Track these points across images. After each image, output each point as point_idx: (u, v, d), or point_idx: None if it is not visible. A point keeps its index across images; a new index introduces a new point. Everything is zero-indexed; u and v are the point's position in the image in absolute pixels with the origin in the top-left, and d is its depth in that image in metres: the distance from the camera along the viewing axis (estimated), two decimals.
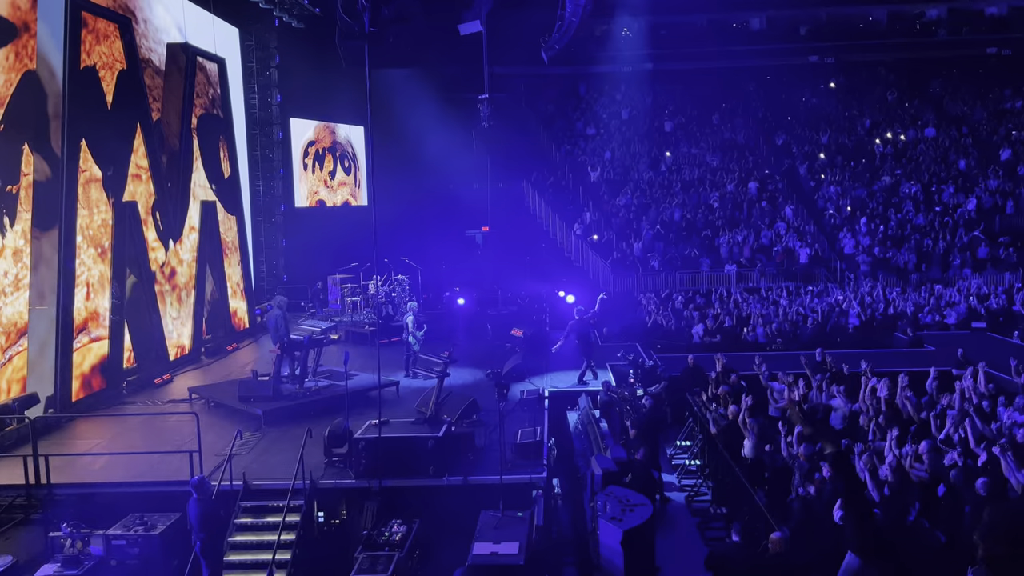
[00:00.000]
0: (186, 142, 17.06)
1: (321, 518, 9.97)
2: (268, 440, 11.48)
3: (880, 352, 16.46)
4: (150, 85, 15.91)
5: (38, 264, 12.57)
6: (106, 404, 13.49)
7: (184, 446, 10.29)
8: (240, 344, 18.54)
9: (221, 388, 13.77)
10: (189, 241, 17.26)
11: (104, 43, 13.99)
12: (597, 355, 15.77)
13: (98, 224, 13.92)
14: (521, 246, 25.90)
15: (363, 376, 14.01)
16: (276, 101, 22.73)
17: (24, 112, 12.39)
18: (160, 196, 15.92)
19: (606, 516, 8.49)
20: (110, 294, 14.10)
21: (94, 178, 13.76)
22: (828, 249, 26.02)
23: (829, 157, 30.77)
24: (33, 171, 12.59)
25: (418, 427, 10.72)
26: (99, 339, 13.89)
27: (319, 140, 26.16)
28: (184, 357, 16.63)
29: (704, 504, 11.57)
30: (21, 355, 12.40)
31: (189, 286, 17.19)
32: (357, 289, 19.49)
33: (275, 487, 9.81)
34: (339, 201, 27.40)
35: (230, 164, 19.38)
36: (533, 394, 13.18)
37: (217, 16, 19.29)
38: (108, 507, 9.49)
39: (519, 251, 25.40)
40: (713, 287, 24.02)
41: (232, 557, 9.38)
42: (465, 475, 10.03)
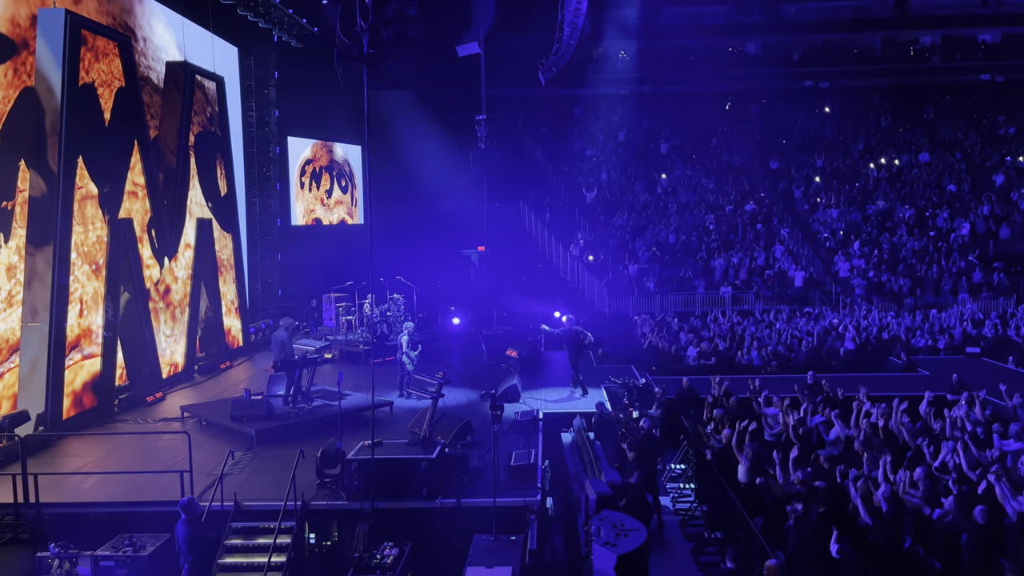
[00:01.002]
0: (183, 159, 17.08)
1: (312, 540, 9.88)
2: (260, 460, 11.39)
3: (874, 376, 16.47)
4: (148, 103, 15.95)
5: (32, 280, 12.52)
6: (97, 422, 13.39)
7: (175, 465, 10.21)
8: (234, 362, 18.46)
9: (214, 407, 13.68)
10: (184, 258, 17.23)
11: (103, 61, 14.03)
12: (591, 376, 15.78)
13: (93, 241, 13.89)
14: (517, 266, 25.94)
15: (357, 396, 13.95)
16: (274, 119, 22.80)
17: (21, 128, 12.40)
18: (156, 213, 15.91)
19: (600, 541, 8.44)
20: (104, 311, 14.04)
21: (90, 195, 13.75)
22: (823, 272, 26.11)
23: (824, 181, 30.96)
24: (29, 187, 12.57)
25: (411, 448, 10.65)
26: (92, 356, 13.80)
27: (316, 159, 26.22)
28: (177, 375, 16.55)
29: (698, 529, 11.51)
30: (12, 372, 12.32)
31: (183, 304, 17.13)
32: (352, 308, 19.46)
33: (266, 508, 9.72)
34: (335, 219, 27.42)
35: (227, 182, 19.39)
36: (527, 416, 13.13)
37: (216, 35, 19.39)
38: (97, 527, 9.38)
39: (515, 271, 25.44)
40: (708, 309, 24.06)
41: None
42: (458, 498, 9.96)
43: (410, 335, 15.12)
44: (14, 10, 12.34)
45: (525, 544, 9.20)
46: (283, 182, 23.99)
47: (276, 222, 23.24)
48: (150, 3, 16.39)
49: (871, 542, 8.22)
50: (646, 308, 24.01)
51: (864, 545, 8.19)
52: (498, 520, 9.41)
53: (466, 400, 14.68)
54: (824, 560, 8.19)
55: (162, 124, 16.69)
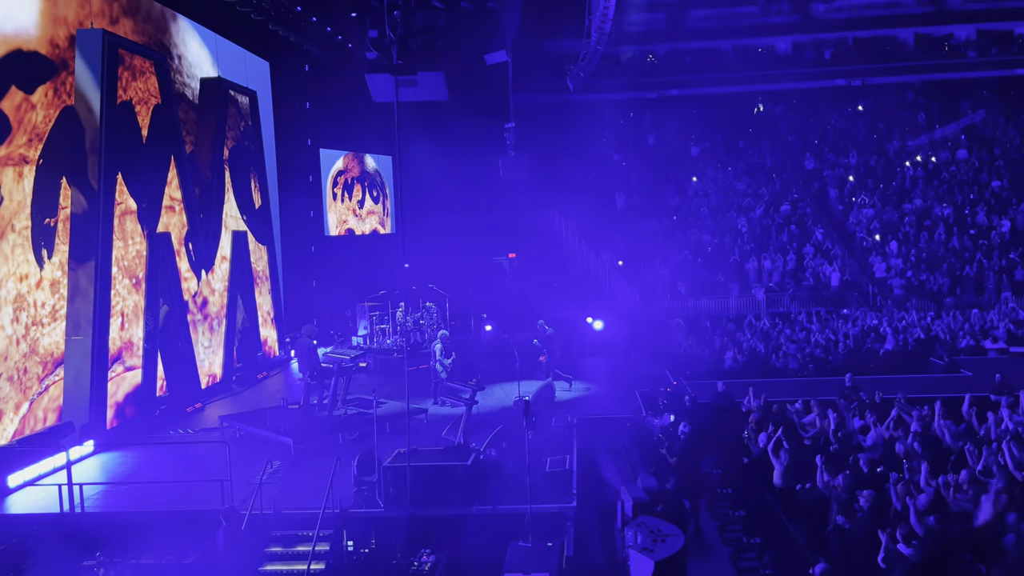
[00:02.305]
0: (218, 173, 17.38)
1: (351, 547, 9.96)
2: (298, 468, 11.53)
3: (915, 378, 16.17)
4: (184, 119, 16.26)
5: (75, 295, 12.81)
6: (139, 432, 13.65)
7: (215, 475, 10.36)
8: (270, 372, 18.71)
9: (252, 416, 13.87)
10: (221, 271, 17.51)
11: (140, 79, 14.35)
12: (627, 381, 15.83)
13: (133, 255, 14.19)
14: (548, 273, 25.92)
15: (391, 404, 14.05)
16: (306, 132, 23.10)
17: (63, 147, 12.72)
18: (193, 227, 16.20)
19: (637, 547, 8.39)
20: (144, 324, 14.32)
21: (129, 210, 14.05)
22: (859, 273, 25.71)
23: (859, 180, 30.50)
24: (71, 204, 12.89)
25: (446, 455, 10.70)
26: (133, 368, 14.09)
27: (348, 170, 26.50)
28: (215, 385, 16.81)
29: (736, 534, 11.39)
30: (57, 384, 12.62)
31: (220, 315, 17.41)
32: (385, 317, 19.60)
33: (305, 516, 9.83)
34: (368, 229, 27.66)
35: (261, 194, 19.68)
36: (562, 421, 13.11)
37: (248, 51, 19.72)
38: (140, 536, 9.55)
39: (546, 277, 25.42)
40: (742, 312, 23.80)
41: None
42: (494, 504, 9.98)
43: (444, 343, 15.19)
44: (53, 31, 12.68)
45: (562, 550, 9.19)
46: (316, 193, 24.29)
47: (310, 233, 23.52)
48: (184, 21, 16.73)
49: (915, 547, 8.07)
50: (679, 312, 23.82)
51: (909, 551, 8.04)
52: (534, 526, 9.41)
53: (499, 406, 14.71)
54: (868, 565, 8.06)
55: (197, 139, 17.01)
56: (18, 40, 11.92)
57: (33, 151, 12.22)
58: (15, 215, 11.86)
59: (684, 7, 30.27)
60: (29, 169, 12.14)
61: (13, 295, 11.78)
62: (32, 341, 12.15)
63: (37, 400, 12.22)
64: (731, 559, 10.55)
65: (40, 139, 12.35)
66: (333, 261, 24.13)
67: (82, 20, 13.28)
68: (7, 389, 11.59)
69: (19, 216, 11.94)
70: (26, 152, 12.07)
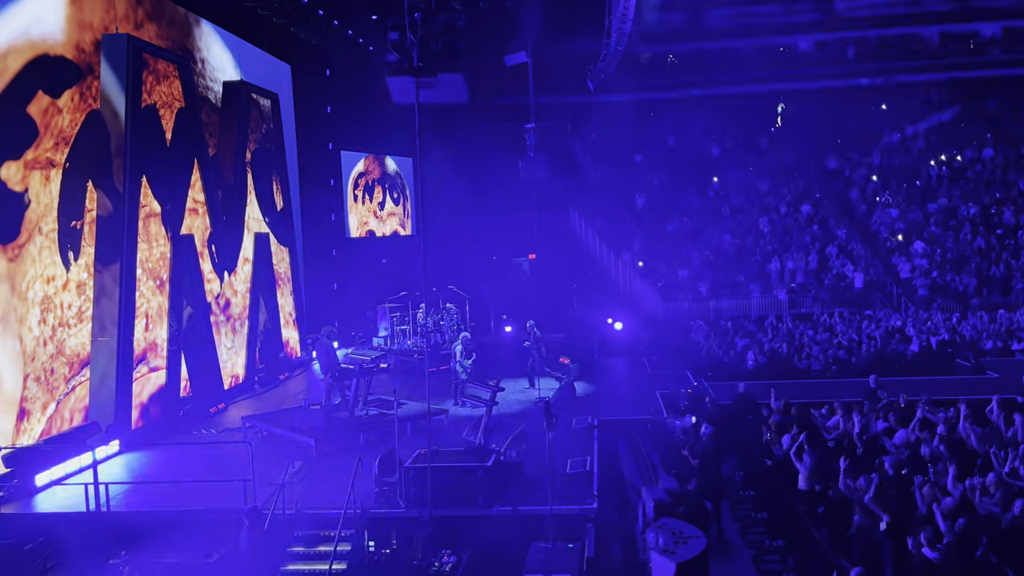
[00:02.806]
0: (240, 176, 17.52)
1: (372, 547, 10.00)
2: (319, 469, 11.59)
3: (940, 380, 15.98)
4: (207, 122, 16.42)
5: (100, 296, 12.97)
6: (163, 432, 13.80)
7: (238, 474, 10.44)
8: (292, 373, 18.83)
9: (274, 417, 13.97)
10: (243, 272, 17.66)
11: (164, 83, 14.51)
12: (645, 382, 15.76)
13: (157, 257, 14.35)
14: (568, 274, 25.89)
15: (412, 405, 14.09)
16: (327, 135, 23.24)
17: (88, 150, 12.89)
18: (215, 229, 16.35)
19: (658, 548, 8.36)
20: (168, 325, 14.48)
21: (153, 213, 14.21)
22: (883, 274, 25.44)
23: (882, 180, 30.19)
24: (96, 207, 13.06)
25: (467, 456, 10.72)
26: (157, 369, 14.25)
27: (369, 172, 26.62)
28: (238, 386, 16.95)
29: (759, 536, 11.31)
30: (83, 385, 12.79)
31: (243, 316, 17.56)
32: (406, 318, 19.67)
33: (327, 516, 9.88)
34: (388, 231, 27.78)
35: (283, 197, 19.83)
36: (583, 423, 13.09)
37: (270, 54, 19.88)
38: (165, 534, 9.65)
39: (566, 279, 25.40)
40: (764, 313, 23.63)
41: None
42: (515, 505, 9.97)
43: (464, 344, 15.22)
44: (79, 36, 12.85)
45: (583, 552, 9.17)
46: (337, 195, 24.43)
47: (331, 235, 23.65)
48: (207, 25, 16.89)
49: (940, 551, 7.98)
50: (700, 313, 23.70)
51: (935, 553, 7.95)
52: (555, 528, 9.40)
53: (520, 408, 14.71)
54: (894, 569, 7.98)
55: (220, 142, 17.17)
56: (45, 45, 12.10)
57: (60, 155, 12.39)
58: (42, 218, 12.03)
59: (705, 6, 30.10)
60: (56, 172, 12.31)
61: (40, 297, 11.95)
62: (59, 342, 12.32)
63: (64, 400, 12.39)
64: (753, 561, 10.49)
65: (66, 143, 12.52)
66: (354, 263, 24.25)
67: (107, 25, 13.45)
68: (35, 389, 11.77)
69: (46, 219, 12.11)
70: (53, 156, 12.25)
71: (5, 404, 11.23)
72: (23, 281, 11.60)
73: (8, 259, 11.34)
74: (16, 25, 11.53)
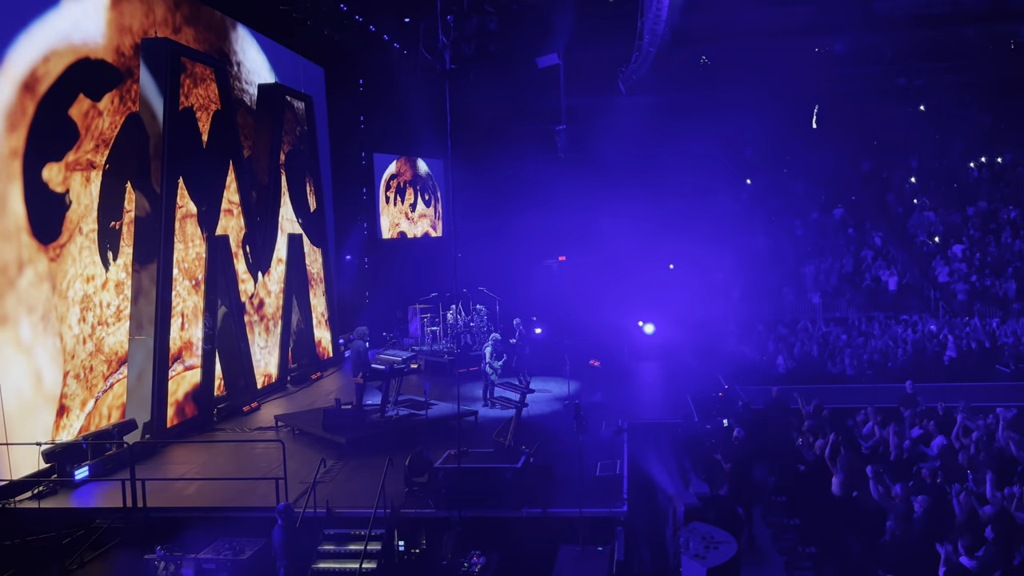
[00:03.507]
0: (274, 178, 17.73)
1: (402, 547, 10.05)
2: (350, 468, 11.68)
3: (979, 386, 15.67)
4: (242, 124, 16.64)
5: (138, 296, 13.21)
6: (198, 430, 14.00)
7: (271, 473, 10.57)
8: (324, 373, 19.00)
9: (306, 416, 14.11)
10: (277, 273, 17.86)
11: (201, 86, 14.74)
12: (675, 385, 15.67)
13: (193, 257, 14.57)
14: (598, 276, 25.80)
15: (442, 405, 14.15)
16: (360, 137, 23.42)
17: (127, 152, 13.13)
18: (250, 230, 16.56)
19: (689, 553, 8.30)
20: (203, 324, 14.69)
21: (190, 214, 14.43)
22: (920, 277, 25.02)
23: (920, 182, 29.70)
24: (135, 208, 13.30)
25: (497, 458, 10.75)
26: (192, 368, 14.46)
27: (401, 173, 26.78)
28: (271, 385, 17.14)
29: (790, 542, 11.18)
30: (121, 383, 13.03)
31: (276, 316, 17.75)
32: (436, 319, 19.76)
33: (357, 515, 9.96)
34: (419, 232, 27.92)
35: (316, 198, 20.02)
36: (613, 425, 13.05)
37: (304, 57, 20.09)
38: (199, 531, 9.79)
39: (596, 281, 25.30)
40: (797, 317, 23.35)
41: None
42: (544, 507, 9.97)
43: (495, 346, 15.25)
44: (119, 40, 13.10)
45: (612, 555, 9.14)
46: (369, 197, 24.62)
47: (363, 236, 23.84)
48: (243, 29, 17.12)
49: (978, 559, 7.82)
50: (732, 316, 23.49)
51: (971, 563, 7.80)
52: (584, 531, 9.38)
53: (550, 410, 14.70)
54: None
55: (255, 144, 17.38)
56: (86, 49, 12.35)
57: (100, 156, 12.64)
58: (83, 218, 12.28)
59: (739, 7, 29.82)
60: (96, 174, 12.56)
61: (80, 296, 12.20)
62: (98, 340, 12.56)
63: (102, 397, 12.63)
64: (785, 568, 10.38)
65: (106, 145, 12.77)
66: (386, 264, 24.42)
67: (147, 29, 13.70)
68: (74, 386, 12.01)
69: (86, 219, 12.36)
70: (93, 157, 12.50)
71: (45, 400, 11.48)
72: (64, 280, 11.85)
73: (49, 259, 11.59)
74: (58, 29, 11.79)
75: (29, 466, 10.95)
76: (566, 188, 22.87)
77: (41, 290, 11.42)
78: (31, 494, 10.74)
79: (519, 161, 25.06)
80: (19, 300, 11.02)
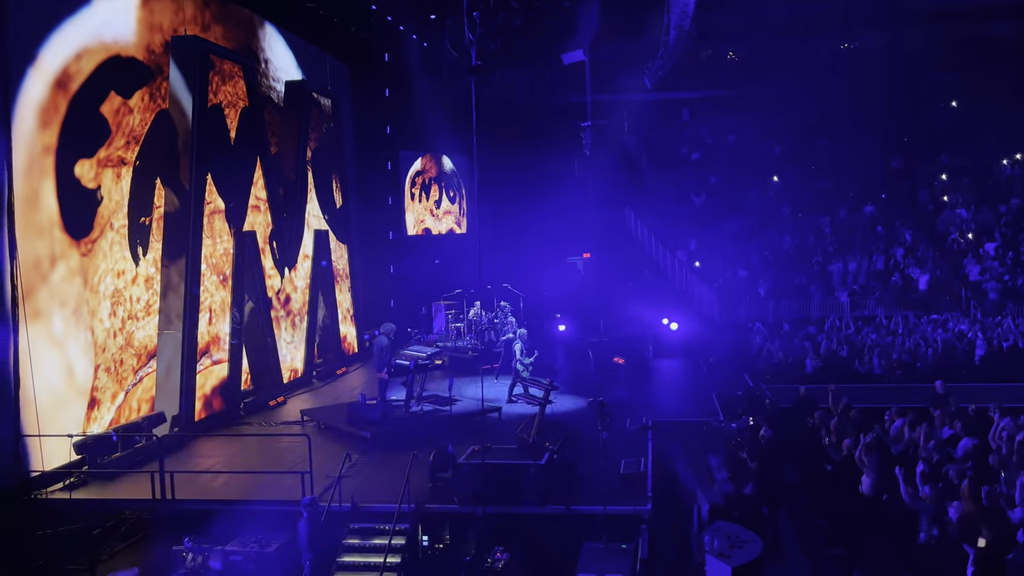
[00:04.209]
0: (301, 174, 17.86)
1: (426, 542, 10.10)
2: (375, 463, 11.75)
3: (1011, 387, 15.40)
4: (269, 121, 16.78)
5: (167, 291, 13.38)
6: (225, 424, 14.17)
7: (296, 466, 10.67)
8: (349, 368, 19.13)
9: (331, 411, 14.22)
10: (303, 269, 18.00)
11: (229, 83, 14.88)
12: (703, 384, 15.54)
13: (220, 253, 14.73)
14: (623, 273, 25.71)
15: (466, 402, 14.18)
16: (385, 134, 23.50)
17: (157, 149, 13.29)
18: (277, 226, 16.70)
19: (714, 552, 8.25)
20: (230, 319, 14.84)
21: (218, 210, 14.58)
22: (951, 275, 24.62)
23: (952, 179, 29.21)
24: (164, 204, 13.47)
25: (520, 454, 10.76)
26: (220, 362, 14.63)
27: (426, 170, 26.86)
28: (297, 380, 17.29)
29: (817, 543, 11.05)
30: (150, 376, 13.21)
31: (302, 312, 17.89)
32: (461, 315, 19.79)
33: (382, 510, 10.02)
34: (444, 229, 27.98)
35: (342, 194, 20.14)
36: (637, 423, 12.99)
37: (330, 55, 20.20)
38: (226, 523, 9.90)
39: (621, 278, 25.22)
40: (825, 315, 23.09)
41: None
42: (567, 504, 9.96)
43: (524, 342, 15.25)
44: (149, 38, 13.26)
45: (636, 553, 9.11)
46: (395, 194, 24.71)
47: (388, 233, 23.93)
48: (270, 27, 17.26)
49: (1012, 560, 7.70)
50: (758, 315, 23.28)
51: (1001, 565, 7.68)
52: (608, 528, 9.36)
53: (574, 407, 14.67)
54: None
55: (282, 141, 17.52)
56: (116, 47, 12.52)
57: (130, 153, 12.81)
58: (113, 214, 12.46)
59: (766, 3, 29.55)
60: (126, 170, 12.73)
61: (111, 290, 12.38)
62: (128, 334, 12.74)
63: (132, 391, 12.82)
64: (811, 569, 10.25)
65: (136, 141, 12.93)
66: (411, 260, 24.49)
67: (176, 27, 13.86)
68: (105, 379, 12.19)
69: (117, 215, 12.54)
70: (124, 154, 12.67)
71: (77, 393, 11.67)
72: (95, 275, 12.03)
73: (81, 253, 11.77)
74: (89, 28, 11.96)
75: (61, 458, 11.13)
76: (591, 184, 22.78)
77: (73, 284, 11.60)
78: (62, 485, 10.92)
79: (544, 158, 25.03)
80: (51, 294, 11.20)
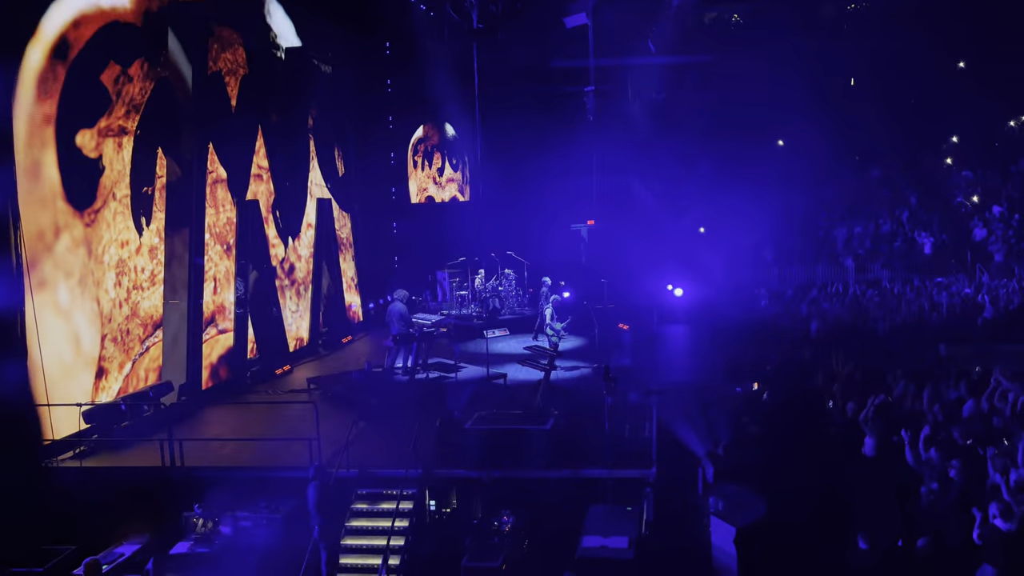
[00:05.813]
0: (303, 142, 17.76)
1: (433, 507, 10.21)
2: (382, 429, 11.82)
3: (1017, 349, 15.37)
4: (270, 89, 16.62)
5: (171, 261, 13.39)
6: (232, 393, 14.25)
7: (304, 434, 10.74)
8: (355, 336, 19.19)
9: (337, 379, 14.29)
10: (306, 237, 17.98)
11: (229, 50, 14.74)
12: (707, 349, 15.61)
13: (224, 222, 14.70)
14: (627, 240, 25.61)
15: (472, 368, 14.24)
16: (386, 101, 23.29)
17: (158, 118, 13.19)
18: (279, 195, 16.65)
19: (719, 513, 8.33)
20: (235, 289, 14.87)
21: (220, 179, 14.53)
22: (957, 238, 24.51)
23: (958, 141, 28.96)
24: (166, 173, 13.42)
25: (526, 419, 10.80)
26: (225, 331, 14.69)
27: (428, 138, 26.68)
28: (302, 349, 17.36)
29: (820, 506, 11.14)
30: (157, 346, 13.27)
31: (307, 281, 17.91)
32: (464, 283, 19.80)
33: (389, 475, 10.11)
34: (447, 197, 27.88)
35: (344, 163, 20.05)
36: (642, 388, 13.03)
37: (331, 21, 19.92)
38: (236, 490, 10.01)
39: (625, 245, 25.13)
40: (830, 280, 23.05)
41: (349, 541, 9.75)
42: (573, 468, 10.03)
43: (555, 307, 15.28)
44: (147, 5, 13.09)
45: (641, 515, 9.20)
46: (398, 162, 24.57)
47: (391, 201, 23.85)
48: None
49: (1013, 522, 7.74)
50: (763, 280, 23.25)
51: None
52: (613, 491, 9.44)
53: (579, 373, 14.72)
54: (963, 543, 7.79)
55: (283, 109, 17.39)
56: (115, 13, 12.36)
57: (131, 122, 12.73)
58: (116, 184, 12.42)
59: None
60: (128, 140, 12.66)
61: (115, 260, 12.39)
62: (133, 304, 12.78)
63: (139, 360, 12.89)
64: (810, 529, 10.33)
65: (137, 110, 12.85)
66: (414, 228, 24.43)
67: None
68: (112, 349, 12.25)
69: (119, 185, 12.50)
70: (124, 123, 12.59)
71: (85, 363, 11.73)
72: (99, 245, 12.03)
73: (85, 224, 11.76)
74: None
75: (70, 426, 11.22)
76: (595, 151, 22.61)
77: (77, 255, 11.60)
78: (72, 453, 11.04)
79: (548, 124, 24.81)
80: (56, 265, 11.21)
